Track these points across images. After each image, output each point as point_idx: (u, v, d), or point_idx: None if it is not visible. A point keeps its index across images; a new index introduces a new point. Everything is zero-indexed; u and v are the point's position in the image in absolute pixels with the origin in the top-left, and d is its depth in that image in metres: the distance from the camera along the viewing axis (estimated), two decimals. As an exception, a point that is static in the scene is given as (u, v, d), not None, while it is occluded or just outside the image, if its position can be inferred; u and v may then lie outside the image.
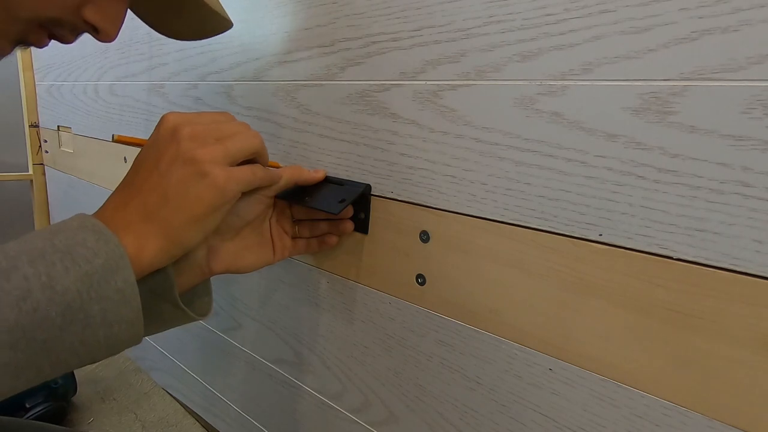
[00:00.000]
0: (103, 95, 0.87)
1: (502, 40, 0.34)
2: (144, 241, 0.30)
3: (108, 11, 0.35)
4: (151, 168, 0.33)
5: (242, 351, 0.66)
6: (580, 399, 0.33)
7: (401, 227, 0.43)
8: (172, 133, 0.33)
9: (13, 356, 0.24)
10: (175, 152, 0.33)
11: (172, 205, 0.31)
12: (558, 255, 0.33)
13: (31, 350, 0.25)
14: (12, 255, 0.26)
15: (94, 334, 0.27)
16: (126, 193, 0.33)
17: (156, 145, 0.34)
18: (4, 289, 0.24)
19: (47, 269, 0.26)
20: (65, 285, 0.26)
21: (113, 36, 0.37)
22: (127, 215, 0.31)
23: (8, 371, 0.24)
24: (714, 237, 0.27)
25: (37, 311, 0.25)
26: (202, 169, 0.32)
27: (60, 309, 0.25)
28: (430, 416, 0.43)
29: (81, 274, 0.26)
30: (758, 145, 0.25)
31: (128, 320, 0.29)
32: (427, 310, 0.42)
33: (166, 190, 0.32)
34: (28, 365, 0.25)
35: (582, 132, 0.31)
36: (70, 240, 0.27)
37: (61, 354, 0.26)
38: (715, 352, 0.27)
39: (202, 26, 0.45)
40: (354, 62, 0.44)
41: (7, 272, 0.25)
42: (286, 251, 0.44)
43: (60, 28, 0.35)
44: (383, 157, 0.43)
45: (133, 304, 0.28)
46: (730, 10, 0.25)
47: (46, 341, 0.25)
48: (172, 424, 0.82)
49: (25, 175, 1.22)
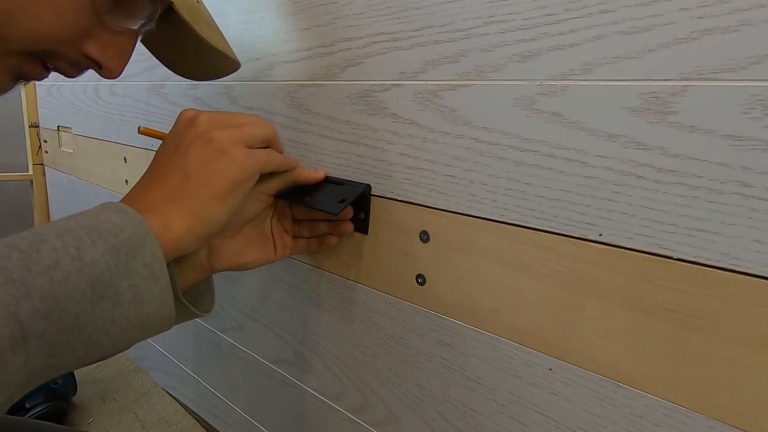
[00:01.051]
0: (103, 95, 0.87)
1: (502, 40, 0.34)
2: (169, 220, 0.30)
3: (111, 47, 0.34)
4: (171, 154, 0.34)
5: (242, 351, 0.66)
6: (580, 399, 0.33)
7: (401, 227, 0.43)
8: (190, 121, 0.34)
9: (47, 327, 0.24)
10: (193, 135, 0.33)
11: (194, 182, 0.32)
12: (558, 255, 0.33)
13: (64, 324, 0.24)
14: (39, 232, 0.26)
15: (124, 312, 0.27)
16: (147, 181, 0.33)
17: (175, 133, 0.35)
18: (34, 259, 0.24)
19: (75, 242, 0.26)
20: (93, 257, 0.26)
21: (117, 73, 0.35)
22: (149, 198, 0.31)
23: (43, 345, 0.24)
24: (714, 237, 0.27)
25: (68, 281, 0.25)
26: (221, 146, 0.33)
27: (90, 281, 0.25)
28: (430, 416, 0.43)
29: (108, 247, 0.26)
30: (758, 145, 0.25)
31: (158, 298, 0.28)
32: (427, 310, 0.42)
33: (186, 169, 0.32)
34: (62, 341, 0.25)
35: (582, 132, 0.31)
36: (95, 219, 0.27)
37: (93, 333, 0.26)
38: (715, 352, 0.27)
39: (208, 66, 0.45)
40: (354, 62, 0.44)
41: (35, 245, 0.25)
42: (287, 250, 0.44)
43: (57, 62, 0.33)
44: (383, 157, 0.43)
45: (162, 281, 0.28)
46: (730, 10, 0.25)
47: (79, 316, 0.25)
48: (172, 424, 0.82)
49: (25, 175, 1.22)
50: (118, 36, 0.34)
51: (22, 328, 0.23)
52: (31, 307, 0.23)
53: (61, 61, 0.33)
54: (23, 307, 0.23)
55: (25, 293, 0.23)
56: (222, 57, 0.42)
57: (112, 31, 0.33)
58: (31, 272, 0.24)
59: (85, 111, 0.94)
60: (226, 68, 0.46)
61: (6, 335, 0.22)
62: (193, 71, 0.46)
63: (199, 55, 0.43)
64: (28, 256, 0.24)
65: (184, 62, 0.44)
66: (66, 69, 0.34)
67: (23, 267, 0.24)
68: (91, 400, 0.89)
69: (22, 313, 0.23)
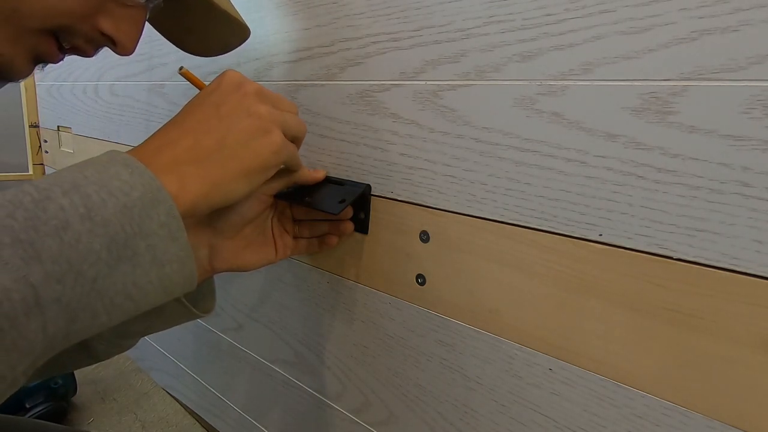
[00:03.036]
0: (103, 95, 0.87)
1: (502, 40, 0.34)
2: (187, 183, 0.29)
3: (124, 22, 0.34)
4: (210, 112, 0.32)
5: (242, 351, 0.66)
6: (580, 399, 0.33)
7: (401, 227, 0.43)
8: (237, 85, 0.33)
9: (62, 291, 0.22)
10: (238, 102, 0.32)
11: (227, 152, 0.31)
12: (558, 255, 0.33)
13: (81, 288, 0.23)
14: (43, 187, 0.24)
15: (145, 275, 0.26)
16: (175, 132, 0.31)
17: (218, 91, 0.33)
18: (41, 218, 0.22)
19: (83, 200, 0.24)
20: (105, 216, 0.24)
21: (131, 49, 0.35)
22: (175, 153, 0.30)
23: (61, 308, 0.23)
24: (714, 237, 0.27)
25: (80, 242, 0.23)
26: (266, 125, 0.32)
27: (104, 242, 0.24)
28: (430, 416, 0.43)
29: (120, 206, 0.25)
30: (758, 145, 0.25)
31: (179, 258, 0.27)
32: (427, 310, 0.42)
33: (224, 136, 0.31)
34: (82, 306, 0.23)
35: (582, 132, 0.31)
36: (102, 173, 0.25)
37: (115, 297, 0.25)
38: (715, 352, 0.27)
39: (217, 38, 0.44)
40: (354, 62, 0.44)
41: (41, 203, 0.23)
42: (288, 250, 0.44)
43: (72, 38, 0.33)
44: (383, 157, 0.43)
45: (181, 241, 0.27)
46: (730, 10, 0.25)
47: (96, 279, 0.24)
48: (172, 424, 0.82)
49: (25, 175, 1.22)
50: (130, 10, 0.34)
51: (35, 293, 0.21)
52: (41, 270, 0.22)
53: (77, 38, 0.33)
54: (34, 270, 0.21)
55: (34, 255, 0.22)
56: (232, 25, 0.42)
57: (123, 4, 0.33)
58: (38, 233, 0.22)
59: (85, 111, 0.94)
60: (235, 38, 0.45)
61: (18, 300, 0.21)
62: (202, 46, 0.45)
63: (208, 27, 0.42)
64: (34, 215, 0.22)
65: (193, 37, 0.44)
66: (82, 46, 0.34)
67: (30, 227, 0.22)
68: (91, 400, 0.89)
69: (34, 276, 0.21)
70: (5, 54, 0.31)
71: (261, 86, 0.34)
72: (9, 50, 0.31)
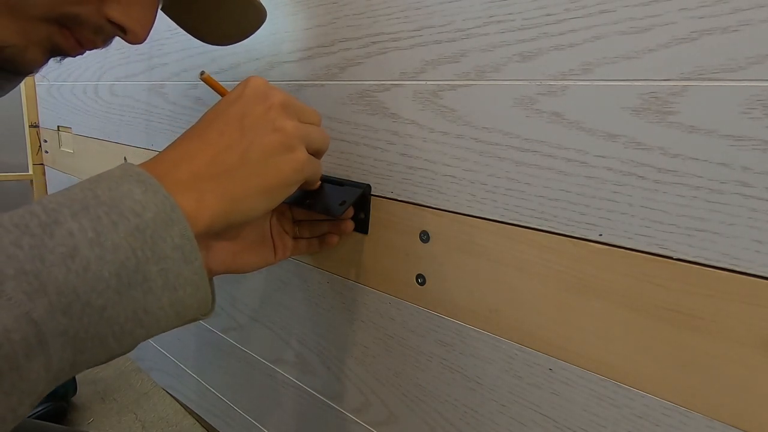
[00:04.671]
0: (103, 95, 0.87)
1: (502, 40, 0.34)
2: (206, 199, 0.28)
3: (134, 8, 0.32)
4: (232, 124, 0.30)
5: (242, 351, 0.66)
6: (580, 399, 0.33)
7: (401, 227, 0.43)
8: (263, 95, 0.31)
9: (68, 323, 0.21)
10: (263, 114, 0.31)
11: (249, 168, 0.29)
12: (558, 255, 0.33)
13: (88, 318, 0.22)
14: (52, 208, 0.23)
15: (157, 300, 0.25)
16: (195, 143, 0.30)
17: (241, 100, 0.31)
18: (47, 246, 0.21)
19: (93, 223, 0.23)
20: (115, 241, 0.23)
21: (142, 37, 0.34)
22: (194, 168, 0.28)
23: (67, 341, 0.22)
24: (714, 237, 0.27)
25: (88, 271, 0.22)
26: (290, 142, 0.31)
27: (113, 269, 0.23)
28: (430, 416, 0.43)
29: (131, 229, 0.24)
30: (758, 145, 0.25)
31: (192, 282, 0.26)
32: (427, 310, 0.42)
33: (246, 151, 0.29)
34: (90, 336, 0.23)
35: (582, 132, 0.31)
36: (114, 191, 0.24)
37: (125, 324, 0.24)
38: (715, 352, 0.27)
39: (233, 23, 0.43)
40: (354, 62, 0.44)
41: (49, 227, 0.22)
42: (287, 251, 0.44)
43: (81, 28, 0.32)
44: (383, 157, 0.43)
45: (195, 264, 0.26)
46: (730, 10, 0.25)
47: (105, 308, 0.23)
48: (172, 424, 0.82)
49: (25, 175, 1.22)
50: None
51: (38, 330, 0.21)
52: (46, 303, 0.21)
53: (85, 28, 0.32)
54: (37, 305, 0.21)
55: (39, 288, 0.21)
56: (249, 7, 0.41)
57: None
58: (45, 263, 0.21)
59: (85, 111, 0.94)
60: (251, 23, 0.44)
61: (18, 341, 0.20)
62: (220, 32, 0.44)
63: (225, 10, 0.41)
64: (41, 242, 0.22)
65: (210, 24, 0.43)
66: (92, 38, 0.33)
67: (36, 257, 0.21)
68: (91, 400, 0.89)
69: (37, 312, 0.20)
70: (17, 44, 0.30)
71: (286, 96, 0.32)
72: (19, 41, 0.30)
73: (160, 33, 0.68)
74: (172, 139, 0.31)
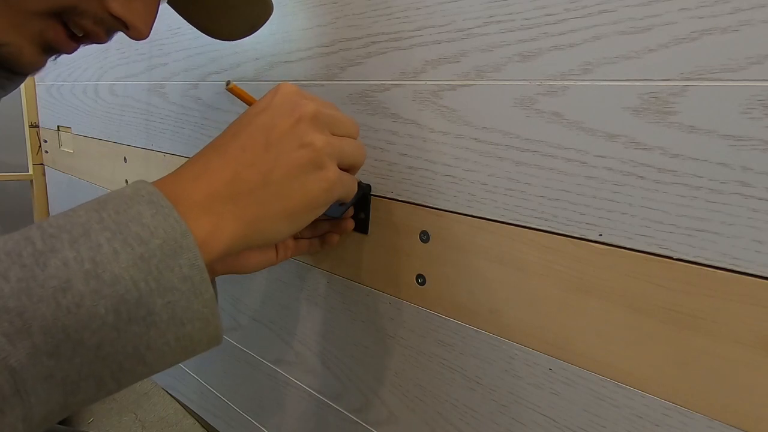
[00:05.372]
0: (103, 95, 0.87)
1: (502, 40, 0.34)
2: (223, 223, 0.25)
3: (136, 2, 0.31)
4: (257, 138, 0.28)
5: (242, 351, 0.66)
6: (580, 399, 0.33)
7: (401, 227, 0.43)
8: (293, 106, 0.29)
9: (56, 366, 0.20)
10: (291, 128, 0.28)
11: (272, 189, 0.27)
12: (558, 255, 0.33)
13: (81, 358, 0.20)
14: (50, 233, 0.21)
15: (161, 336, 0.22)
16: (216, 160, 0.27)
17: (269, 112, 0.29)
18: (37, 279, 0.20)
19: (92, 252, 0.21)
20: (115, 273, 0.21)
21: (145, 32, 0.32)
22: (212, 187, 0.26)
23: (54, 385, 0.20)
24: (714, 237, 0.27)
25: (81, 307, 0.20)
26: (320, 159, 0.28)
27: (111, 304, 0.21)
28: (430, 416, 0.43)
29: (135, 258, 0.21)
30: (758, 145, 0.25)
31: (202, 316, 0.23)
32: (427, 310, 0.42)
33: (271, 171, 0.27)
34: (83, 377, 0.21)
35: (582, 132, 0.31)
36: (122, 214, 0.22)
37: (125, 362, 0.22)
38: (715, 352, 0.27)
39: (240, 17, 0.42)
40: (354, 62, 0.44)
41: (43, 256, 0.20)
42: (289, 252, 0.44)
43: (80, 19, 0.30)
44: (383, 157, 0.43)
45: (205, 296, 0.23)
46: (730, 10, 0.25)
47: (100, 346, 0.21)
48: (172, 424, 0.82)
49: (25, 175, 1.22)
50: None
51: (15, 377, 0.18)
52: (29, 345, 0.19)
53: (85, 19, 0.30)
54: (18, 348, 0.18)
55: (22, 328, 0.19)
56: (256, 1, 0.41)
57: None
58: (31, 298, 0.19)
59: (85, 111, 0.94)
60: (258, 16, 0.43)
61: None
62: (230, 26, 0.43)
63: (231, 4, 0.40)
64: (31, 274, 0.20)
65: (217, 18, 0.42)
66: (93, 30, 0.31)
67: (22, 291, 0.19)
68: (91, 400, 0.89)
69: (16, 357, 0.18)
70: (12, 42, 0.29)
71: (319, 106, 0.29)
72: (14, 38, 0.29)
73: (160, 33, 0.68)
74: (172, 139, 0.31)
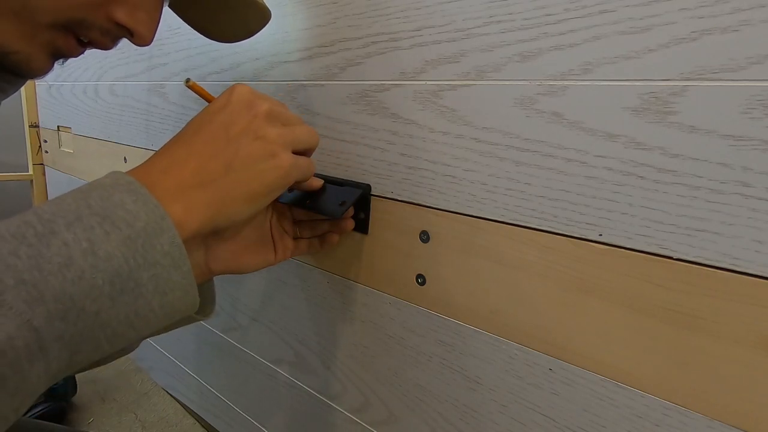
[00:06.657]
0: (103, 95, 0.87)
1: (502, 40, 0.34)
2: (193, 208, 0.29)
3: (140, 11, 0.33)
4: (218, 133, 0.32)
5: (242, 351, 0.66)
6: (580, 399, 0.33)
7: (401, 227, 0.43)
8: (248, 104, 0.33)
9: (65, 328, 0.23)
10: (247, 124, 0.32)
11: (233, 176, 0.31)
12: (558, 255, 0.33)
13: (83, 322, 0.24)
14: (46, 218, 0.24)
15: (147, 304, 0.26)
16: (181, 153, 0.31)
17: (228, 110, 0.33)
18: (44, 256, 0.23)
19: (86, 233, 0.24)
20: (108, 250, 0.24)
21: (149, 39, 0.35)
22: (181, 177, 0.30)
23: (63, 345, 0.23)
24: (714, 237, 0.27)
25: (83, 279, 0.23)
26: (271, 148, 0.32)
27: (107, 276, 0.24)
28: (430, 416, 0.43)
29: (123, 238, 0.25)
30: (758, 145, 0.25)
31: (181, 286, 0.27)
32: (427, 310, 0.42)
33: (231, 160, 0.31)
34: (84, 339, 0.24)
35: (582, 132, 0.31)
36: (106, 201, 0.26)
37: (117, 327, 0.25)
38: (715, 352, 0.27)
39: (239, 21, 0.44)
40: (354, 62, 0.44)
41: (45, 237, 0.23)
42: (288, 252, 0.44)
43: (88, 31, 0.33)
44: (383, 157, 0.43)
45: (183, 269, 0.27)
46: (730, 10, 0.25)
47: (99, 313, 0.24)
48: (172, 424, 0.82)
49: (25, 175, 1.22)
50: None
51: (39, 336, 0.22)
52: (45, 311, 0.22)
53: (93, 31, 0.33)
54: (37, 313, 0.22)
55: (38, 296, 0.22)
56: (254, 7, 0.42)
57: None
58: (42, 272, 0.22)
59: (85, 111, 0.94)
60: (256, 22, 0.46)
61: (21, 347, 0.21)
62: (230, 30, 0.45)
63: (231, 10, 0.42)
64: (38, 252, 0.23)
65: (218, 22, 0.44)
66: (100, 39, 0.34)
67: (34, 267, 0.22)
68: (91, 400, 0.89)
69: (37, 319, 0.22)
70: (21, 51, 0.31)
71: (271, 105, 0.34)
72: (24, 47, 0.31)
73: (160, 33, 0.68)
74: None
